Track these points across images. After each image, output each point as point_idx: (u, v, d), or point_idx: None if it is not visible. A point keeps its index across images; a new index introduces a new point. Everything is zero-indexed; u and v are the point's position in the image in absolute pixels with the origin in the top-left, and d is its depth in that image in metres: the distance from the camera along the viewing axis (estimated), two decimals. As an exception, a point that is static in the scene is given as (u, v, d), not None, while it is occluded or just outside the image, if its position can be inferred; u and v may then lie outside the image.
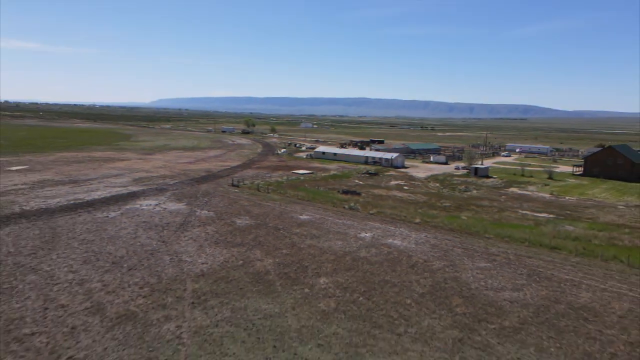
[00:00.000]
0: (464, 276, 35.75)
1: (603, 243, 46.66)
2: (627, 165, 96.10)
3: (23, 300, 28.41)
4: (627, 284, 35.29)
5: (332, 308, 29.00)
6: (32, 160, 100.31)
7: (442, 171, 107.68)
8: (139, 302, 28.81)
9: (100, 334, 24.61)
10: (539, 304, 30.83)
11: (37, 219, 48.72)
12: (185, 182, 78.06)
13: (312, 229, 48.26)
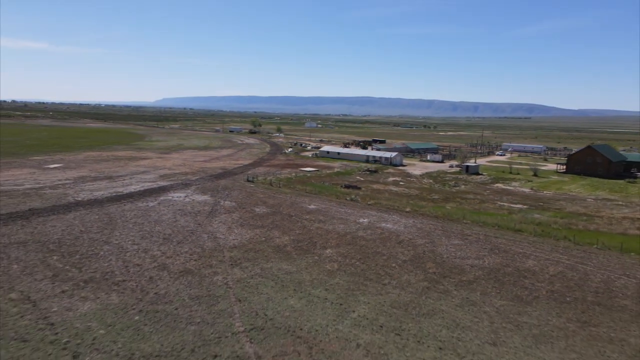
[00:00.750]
0: (439, 250, 45.51)
1: (560, 227, 56.22)
2: (605, 164, 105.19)
3: (107, 262, 38.49)
4: (567, 255, 44.92)
5: (335, 268, 38.87)
6: (64, 159, 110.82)
7: (437, 169, 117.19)
8: (192, 264, 38.82)
9: (171, 281, 34.63)
10: (492, 267, 40.56)
11: (92, 207, 58.94)
12: (205, 178, 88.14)
13: (319, 216, 58.16)
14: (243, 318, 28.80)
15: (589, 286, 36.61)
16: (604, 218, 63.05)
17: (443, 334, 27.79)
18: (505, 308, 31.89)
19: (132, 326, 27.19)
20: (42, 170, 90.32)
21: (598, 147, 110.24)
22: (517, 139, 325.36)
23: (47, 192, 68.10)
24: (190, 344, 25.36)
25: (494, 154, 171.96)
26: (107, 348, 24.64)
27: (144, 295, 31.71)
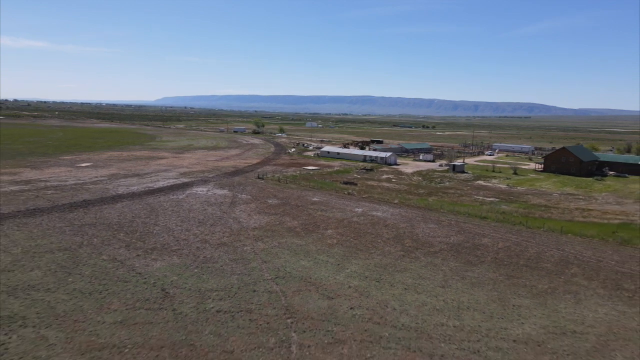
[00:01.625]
0: (417, 231, 57.65)
1: (520, 215, 68.38)
2: (577, 163, 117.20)
3: (161, 237, 50.63)
4: (517, 235, 57.08)
5: (334, 242, 51.02)
6: (91, 159, 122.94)
7: (427, 167, 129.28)
8: (225, 239, 50.96)
9: (213, 249, 46.78)
10: (454, 243, 52.70)
11: (133, 199, 71.11)
12: (220, 175, 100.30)
13: (321, 206, 70.32)
14: (269, 271, 40.96)
15: (524, 255, 48.78)
16: (560, 209, 75.21)
17: (409, 281, 39.93)
18: (457, 268, 44.04)
19: (194, 275, 39.37)
20: (77, 169, 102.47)
21: (571, 148, 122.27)
22: (512, 139, 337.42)
23: (91, 187, 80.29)
24: (236, 285, 37.52)
25: (483, 154, 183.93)
26: (182, 286, 36.80)
27: (196, 258, 43.88)
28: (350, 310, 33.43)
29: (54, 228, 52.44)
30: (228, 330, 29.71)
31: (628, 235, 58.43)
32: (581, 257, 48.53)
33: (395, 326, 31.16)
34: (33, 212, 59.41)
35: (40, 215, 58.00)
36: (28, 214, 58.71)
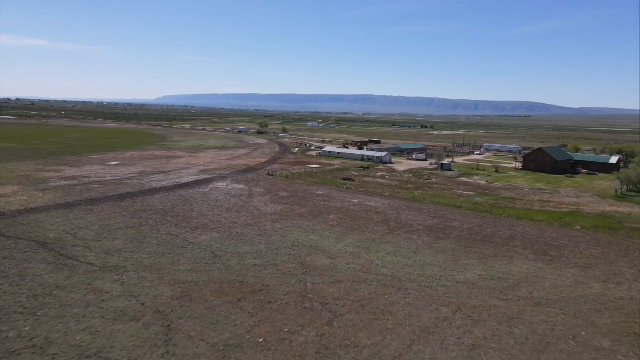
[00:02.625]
0: (401, 216, 71.79)
1: (489, 205, 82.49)
2: (551, 162, 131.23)
3: (200, 220, 64.75)
4: (481, 220, 71.20)
5: (335, 224, 65.19)
6: (116, 158, 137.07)
7: (419, 166, 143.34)
8: (250, 221, 65.11)
9: (242, 228, 60.91)
10: (430, 225, 66.87)
11: (167, 192, 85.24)
12: (235, 173, 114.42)
13: (324, 198, 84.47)
14: (286, 242, 55.12)
15: (481, 234, 62.97)
16: (524, 200, 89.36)
17: (390, 249, 54.09)
18: (428, 241, 58.20)
19: (232, 244, 53.56)
20: (108, 167, 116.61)
21: (547, 149, 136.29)
22: (505, 139, 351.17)
23: (128, 182, 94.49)
24: (264, 250, 51.67)
25: (473, 154, 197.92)
26: (225, 250, 50.95)
27: (230, 234, 58.07)
28: (346, 265, 47.62)
29: (115, 213, 66.67)
30: (263, 274, 43.91)
31: (571, 220, 72.60)
32: (525, 235, 62.74)
33: (377, 274, 45.35)
34: (92, 202, 73.64)
35: (99, 204, 72.22)
36: (88, 202, 72.94)
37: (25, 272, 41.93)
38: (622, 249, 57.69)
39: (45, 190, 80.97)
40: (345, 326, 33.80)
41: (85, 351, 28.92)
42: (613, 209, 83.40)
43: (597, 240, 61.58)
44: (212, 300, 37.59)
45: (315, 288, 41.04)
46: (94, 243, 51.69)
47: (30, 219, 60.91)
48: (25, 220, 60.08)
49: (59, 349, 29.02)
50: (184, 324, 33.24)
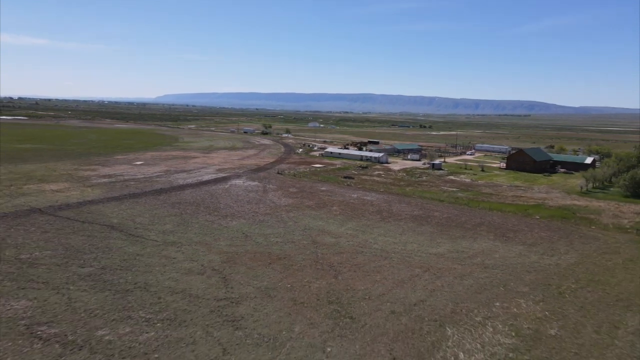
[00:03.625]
0: (392, 208, 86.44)
1: (467, 199, 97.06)
2: (531, 162, 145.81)
3: (227, 210, 79.40)
4: (458, 211, 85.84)
5: (337, 213, 79.87)
6: (139, 158, 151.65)
7: (413, 166, 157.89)
8: (268, 211, 79.77)
9: (263, 216, 75.59)
10: (415, 214, 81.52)
11: (193, 188, 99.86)
12: (248, 171, 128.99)
13: (328, 193, 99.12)
14: (299, 226, 69.77)
15: (456, 221, 77.59)
16: (500, 195, 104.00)
17: (381, 232, 68.72)
18: (412, 226, 72.85)
19: (257, 227, 68.20)
20: (135, 166, 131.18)
21: (527, 150, 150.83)
22: (500, 140, 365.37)
23: (157, 179, 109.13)
24: (282, 232, 66.33)
25: (465, 154, 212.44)
26: (253, 232, 65.60)
27: (254, 220, 72.73)
28: (347, 242, 62.31)
29: (157, 205, 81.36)
30: (284, 248, 58.57)
31: (534, 211, 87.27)
32: (492, 222, 77.43)
33: (370, 248, 60.00)
34: (135, 196, 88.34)
35: (141, 197, 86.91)
36: (132, 196, 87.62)
37: (109, 245, 56.63)
38: (566, 232, 72.39)
39: (92, 186, 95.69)
40: (346, 279, 48.46)
41: (174, 290, 43.60)
42: (573, 202, 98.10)
43: (549, 226, 76.30)
44: (250, 263, 52.28)
45: (324, 256, 55.71)
46: (150, 226, 66.39)
47: (92, 209, 75.62)
48: (88, 210, 74.78)
49: (157, 288, 43.70)
50: (234, 276, 47.93)
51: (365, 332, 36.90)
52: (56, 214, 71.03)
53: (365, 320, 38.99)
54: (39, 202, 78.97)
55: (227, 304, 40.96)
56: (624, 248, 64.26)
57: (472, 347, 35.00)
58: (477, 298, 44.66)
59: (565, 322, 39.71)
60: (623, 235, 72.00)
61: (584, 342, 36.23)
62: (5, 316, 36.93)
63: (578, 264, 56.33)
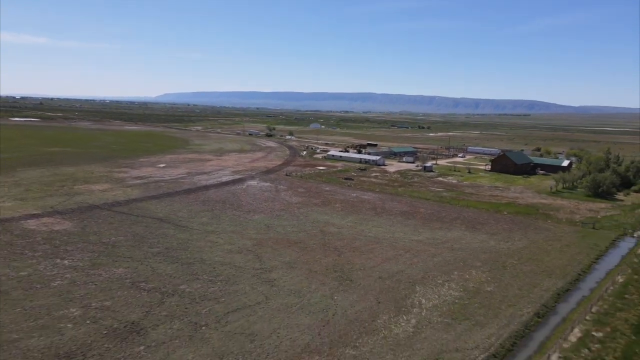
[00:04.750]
0: (385, 205, 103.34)
1: (450, 198, 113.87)
2: (512, 165, 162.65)
3: (249, 207, 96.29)
4: (441, 208, 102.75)
5: (340, 209, 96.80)
6: (160, 161, 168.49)
7: (407, 168, 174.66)
8: (282, 208, 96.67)
9: (279, 211, 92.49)
10: (404, 210, 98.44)
11: (216, 188, 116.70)
12: (260, 173, 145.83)
13: (331, 193, 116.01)
14: (309, 220, 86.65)
15: (437, 216, 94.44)
16: (479, 195, 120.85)
17: (375, 224, 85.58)
18: (400, 220, 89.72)
19: (275, 220, 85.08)
20: (159, 169, 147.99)
21: (509, 154, 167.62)
22: (494, 141, 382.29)
23: (182, 181, 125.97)
24: (297, 224, 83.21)
25: (457, 156, 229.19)
26: (273, 224, 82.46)
27: (272, 215, 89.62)
28: (347, 231, 79.19)
29: (189, 202, 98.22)
30: (299, 236, 75.42)
31: (504, 208, 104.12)
32: (466, 217, 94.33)
33: (365, 236, 76.88)
34: (169, 195, 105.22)
35: (174, 196, 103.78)
36: (166, 195, 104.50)
37: (165, 233, 73.54)
38: (525, 225, 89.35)
39: (131, 187, 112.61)
40: (346, 257, 65.32)
41: (222, 263, 60.44)
42: (540, 201, 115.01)
43: (513, 220, 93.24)
44: (275, 246, 69.18)
45: (330, 241, 72.60)
46: (190, 219, 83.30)
47: (138, 206, 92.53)
48: (136, 207, 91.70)
49: (210, 262, 60.59)
50: (264, 254, 64.82)
51: (360, 288, 53.81)
52: (112, 210, 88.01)
53: (360, 282, 55.90)
54: (94, 200, 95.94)
55: (263, 272, 57.90)
56: (565, 237, 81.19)
57: (431, 296, 51.91)
58: (442, 269, 61.57)
59: (500, 284, 56.62)
60: (570, 227, 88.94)
61: (508, 294, 53.14)
62: (114, 277, 53.86)
63: (525, 248, 73.27)
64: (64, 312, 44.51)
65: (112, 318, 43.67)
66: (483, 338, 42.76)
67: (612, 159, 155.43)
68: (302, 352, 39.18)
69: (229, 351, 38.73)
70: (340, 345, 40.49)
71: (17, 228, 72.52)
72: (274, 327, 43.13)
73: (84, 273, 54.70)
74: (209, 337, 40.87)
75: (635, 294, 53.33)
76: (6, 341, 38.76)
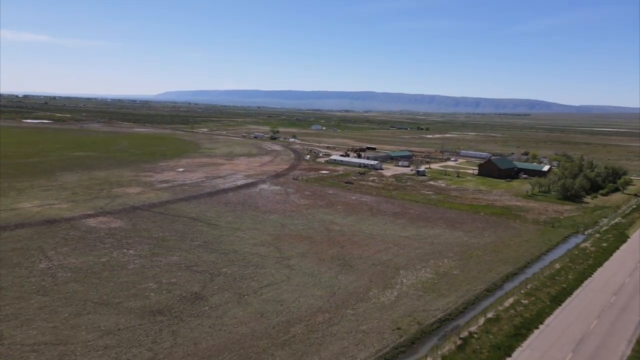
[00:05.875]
0: (380, 207, 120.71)
1: (437, 200, 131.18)
2: (497, 170, 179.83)
3: (265, 207, 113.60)
4: (427, 209, 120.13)
5: (341, 211, 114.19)
6: (177, 165, 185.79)
7: (402, 172, 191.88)
8: (293, 209, 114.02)
9: (290, 212, 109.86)
10: (395, 211, 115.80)
11: (234, 191, 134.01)
12: (269, 177, 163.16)
13: (334, 195, 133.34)
14: (316, 219, 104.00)
15: (424, 216, 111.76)
16: (463, 197, 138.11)
17: (370, 223, 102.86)
18: (391, 219, 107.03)
19: (288, 220, 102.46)
20: (179, 173, 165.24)
21: (495, 160, 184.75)
22: (490, 144, 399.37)
23: (203, 184, 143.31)
24: (306, 222, 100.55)
25: (449, 160, 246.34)
26: (286, 222, 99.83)
27: (285, 215, 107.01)
28: (348, 229, 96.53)
29: (213, 204, 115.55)
30: (308, 232, 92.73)
31: (482, 209, 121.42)
32: (448, 217, 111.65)
33: (362, 233, 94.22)
34: (195, 197, 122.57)
35: (200, 199, 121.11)
36: (192, 198, 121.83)
37: (200, 230, 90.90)
38: (496, 224, 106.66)
39: (159, 190, 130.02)
40: (347, 249, 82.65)
41: (250, 253, 77.86)
42: (515, 203, 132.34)
43: (487, 220, 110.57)
44: (290, 240, 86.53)
45: (334, 237, 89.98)
46: (218, 219, 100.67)
47: (171, 207, 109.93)
48: (170, 208, 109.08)
49: (241, 252, 77.96)
50: (282, 246, 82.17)
51: (357, 272, 71.20)
52: (151, 210, 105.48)
53: (358, 267, 73.32)
54: (133, 201, 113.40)
55: (283, 259, 75.33)
56: (527, 233, 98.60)
57: (411, 277, 69.32)
58: (421, 259, 78.98)
59: (464, 269, 74.04)
60: (534, 226, 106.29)
61: (468, 276, 70.52)
62: (171, 263, 71.29)
63: (491, 243, 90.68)
64: (144, 285, 61.97)
65: (180, 289, 61.15)
66: (444, 304, 60.15)
67: (585, 165, 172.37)
68: (316, 311, 56.60)
69: (266, 311, 56.15)
70: (342, 308, 57.89)
71: (82, 225, 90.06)
72: (295, 297, 60.57)
73: (148, 260, 72.20)
74: (250, 302, 58.32)
75: (564, 276, 70.63)
76: (113, 303, 56.21)
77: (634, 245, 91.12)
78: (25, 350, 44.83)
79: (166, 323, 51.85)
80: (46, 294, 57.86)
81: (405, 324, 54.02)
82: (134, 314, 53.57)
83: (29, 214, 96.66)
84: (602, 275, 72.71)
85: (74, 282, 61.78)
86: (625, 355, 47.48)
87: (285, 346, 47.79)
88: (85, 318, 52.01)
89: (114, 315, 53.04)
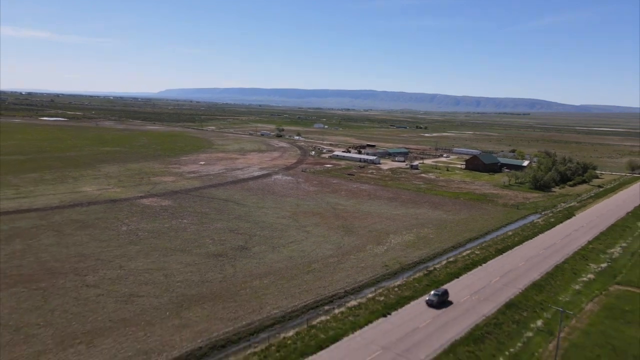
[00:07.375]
0: (377, 193, 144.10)
1: (425, 188, 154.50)
2: (482, 165, 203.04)
3: (282, 193, 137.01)
4: (417, 195, 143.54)
5: (344, 195, 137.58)
6: (198, 159, 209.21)
7: (397, 166, 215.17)
8: (304, 194, 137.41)
9: (304, 196, 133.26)
10: (390, 197, 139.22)
11: (253, 180, 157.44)
12: (281, 170, 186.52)
13: (338, 184, 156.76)
14: (324, 201, 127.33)
15: (413, 200, 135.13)
16: (448, 187, 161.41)
17: (369, 204, 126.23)
18: (386, 203, 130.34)
19: (301, 202, 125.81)
20: (202, 166, 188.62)
21: (480, 155, 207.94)
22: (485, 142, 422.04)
23: (225, 175, 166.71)
24: (316, 203, 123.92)
25: (442, 156, 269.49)
26: (300, 203, 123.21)
27: (298, 198, 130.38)
28: (350, 208, 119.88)
29: (238, 190, 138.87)
30: (319, 209, 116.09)
31: (463, 196, 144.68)
32: (432, 201, 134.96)
33: (361, 211, 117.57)
34: (221, 185, 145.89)
35: (225, 186, 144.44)
36: (219, 185, 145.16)
37: (232, 208, 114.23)
38: (471, 206, 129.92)
39: (190, 179, 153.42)
40: (350, 221, 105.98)
41: (275, 223, 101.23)
42: (492, 191, 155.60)
43: (464, 204, 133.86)
44: (305, 215, 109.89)
45: (339, 214, 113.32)
46: (244, 200, 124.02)
47: (204, 192, 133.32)
48: (203, 192, 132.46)
49: (268, 222, 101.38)
50: (299, 219, 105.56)
51: (358, 236, 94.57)
52: (189, 194, 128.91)
53: (358, 232, 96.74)
54: (172, 187, 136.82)
55: (301, 227, 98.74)
56: (495, 213, 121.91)
57: (397, 239, 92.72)
58: (407, 228, 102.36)
59: (438, 235, 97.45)
60: (502, 208, 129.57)
61: (440, 239, 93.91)
62: (218, 228, 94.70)
63: (464, 219, 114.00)
64: (202, 241, 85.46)
65: (229, 243, 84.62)
66: (420, 254, 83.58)
67: (558, 161, 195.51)
68: (329, 256, 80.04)
69: (293, 255, 79.59)
70: (347, 255, 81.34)
71: (138, 204, 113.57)
72: (313, 248, 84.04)
73: (199, 226, 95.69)
74: (281, 251, 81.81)
75: (512, 239, 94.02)
76: (186, 250, 79.68)
77: (575, 221, 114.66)
78: (140, 272, 68.39)
79: (226, 261, 75.44)
80: (137, 244, 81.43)
81: (390, 264, 77.49)
82: (202, 256, 77.13)
83: (93, 196, 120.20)
84: (541, 238, 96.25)
85: (152, 238, 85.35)
86: (534, 279, 70.96)
87: (309, 273, 71.35)
88: (170, 257, 75.57)
89: (189, 256, 76.60)
